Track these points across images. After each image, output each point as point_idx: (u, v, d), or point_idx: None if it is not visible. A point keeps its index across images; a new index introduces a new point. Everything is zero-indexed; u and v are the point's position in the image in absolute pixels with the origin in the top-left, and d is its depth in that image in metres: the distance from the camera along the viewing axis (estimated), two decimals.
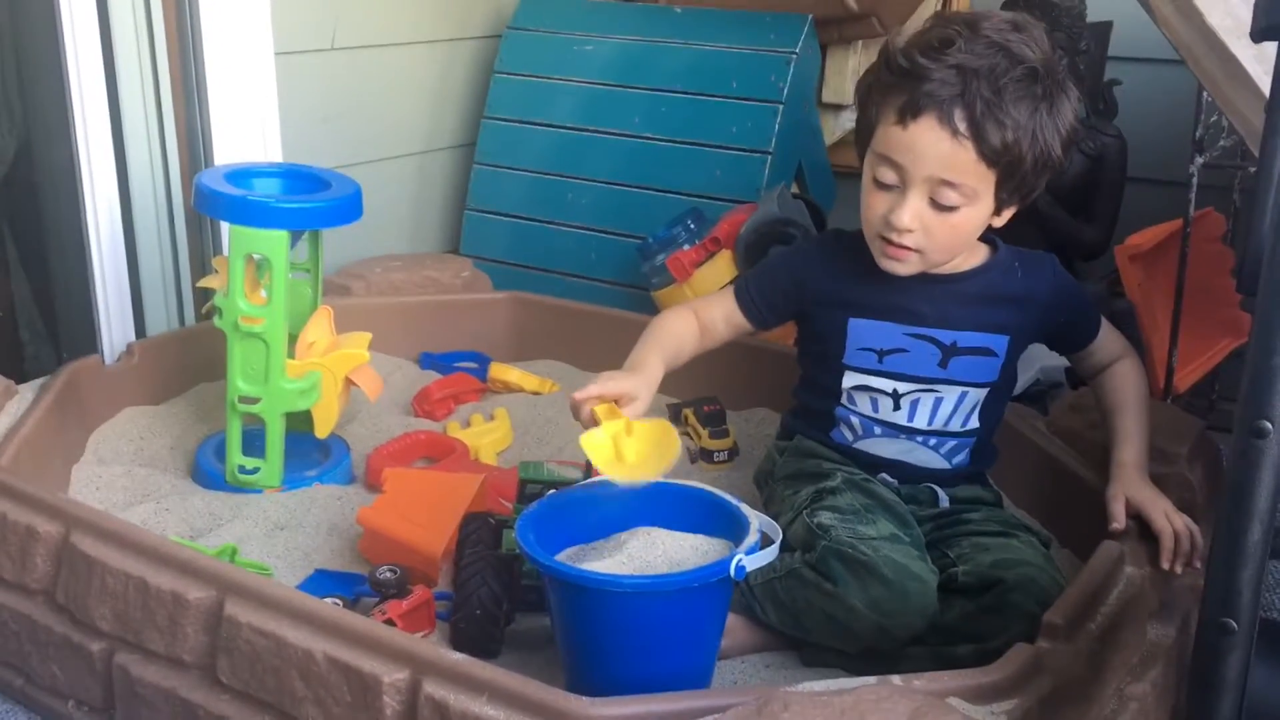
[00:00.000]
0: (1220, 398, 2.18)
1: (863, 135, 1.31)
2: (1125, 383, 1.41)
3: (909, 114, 1.23)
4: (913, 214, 1.26)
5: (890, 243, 1.28)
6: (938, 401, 1.36)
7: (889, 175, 1.26)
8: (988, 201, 1.27)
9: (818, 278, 1.38)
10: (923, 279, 1.33)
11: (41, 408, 1.57)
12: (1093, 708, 1.11)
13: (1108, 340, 1.43)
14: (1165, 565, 1.26)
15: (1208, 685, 0.94)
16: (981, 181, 1.24)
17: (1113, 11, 2.19)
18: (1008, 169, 1.24)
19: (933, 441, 1.37)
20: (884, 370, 1.36)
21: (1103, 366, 1.43)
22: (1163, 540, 1.28)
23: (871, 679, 1.02)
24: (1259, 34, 0.97)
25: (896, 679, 1.02)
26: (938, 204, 1.25)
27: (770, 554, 1.14)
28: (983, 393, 1.37)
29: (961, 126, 1.22)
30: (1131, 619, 1.19)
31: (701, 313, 1.40)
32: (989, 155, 1.22)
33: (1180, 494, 1.36)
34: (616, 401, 1.22)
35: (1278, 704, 0.98)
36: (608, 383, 1.23)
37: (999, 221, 1.31)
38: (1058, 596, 1.16)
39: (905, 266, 1.31)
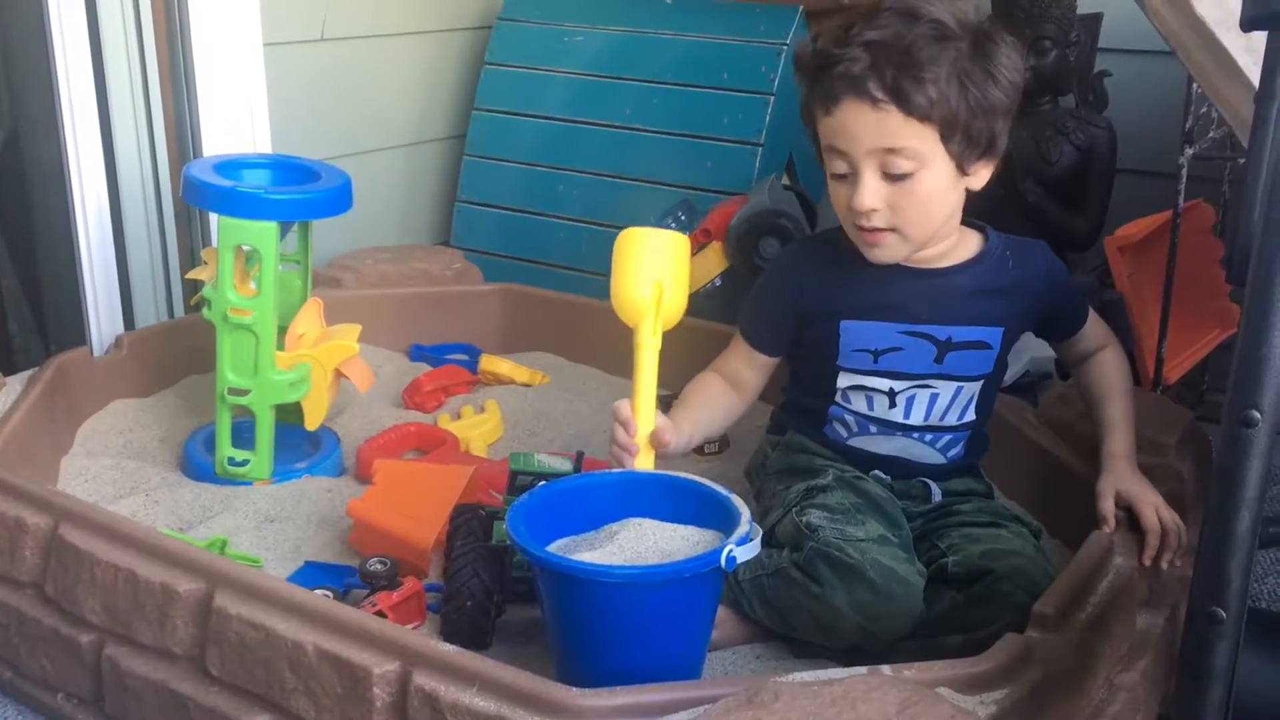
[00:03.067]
0: (1209, 389, 2.19)
1: (814, 141, 1.32)
2: (1111, 371, 1.41)
3: (830, 102, 1.25)
4: (870, 192, 1.25)
5: (864, 229, 1.28)
6: (933, 397, 1.35)
7: (839, 164, 1.27)
8: (942, 161, 1.25)
9: (809, 288, 1.37)
10: (914, 274, 1.33)
11: (30, 400, 1.57)
12: (1082, 697, 1.11)
13: (1093, 328, 1.43)
14: (1147, 562, 1.27)
15: (1197, 674, 0.94)
16: (922, 141, 1.23)
17: (1102, 3, 2.19)
18: (945, 123, 1.23)
19: (929, 437, 1.37)
20: (879, 370, 1.34)
21: (1087, 355, 1.43)
22: (1148, 538, 1.28)
23: (861, 669, 1.02)
24: (1248, 24, 0.97)
25: (886, 669, 1.02)
26: (891, 175, 1.25)
27: (758, 546, 1.14)
28: (977, 385, 1.36)
29: (879, 94, 1.22)
30: (1121, 609, 1.19)
31: (724, 370, 1.41)
32: (917, 112, 1.22)
33: (1169, 484, 1.36)
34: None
35: (1266, 693, 0.99)
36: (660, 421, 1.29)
37: (975, 183, 1.29)
38: (1047, 587, 1.16)
39: (888, 250, 1.30)
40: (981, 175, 1.30)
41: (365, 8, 2.28)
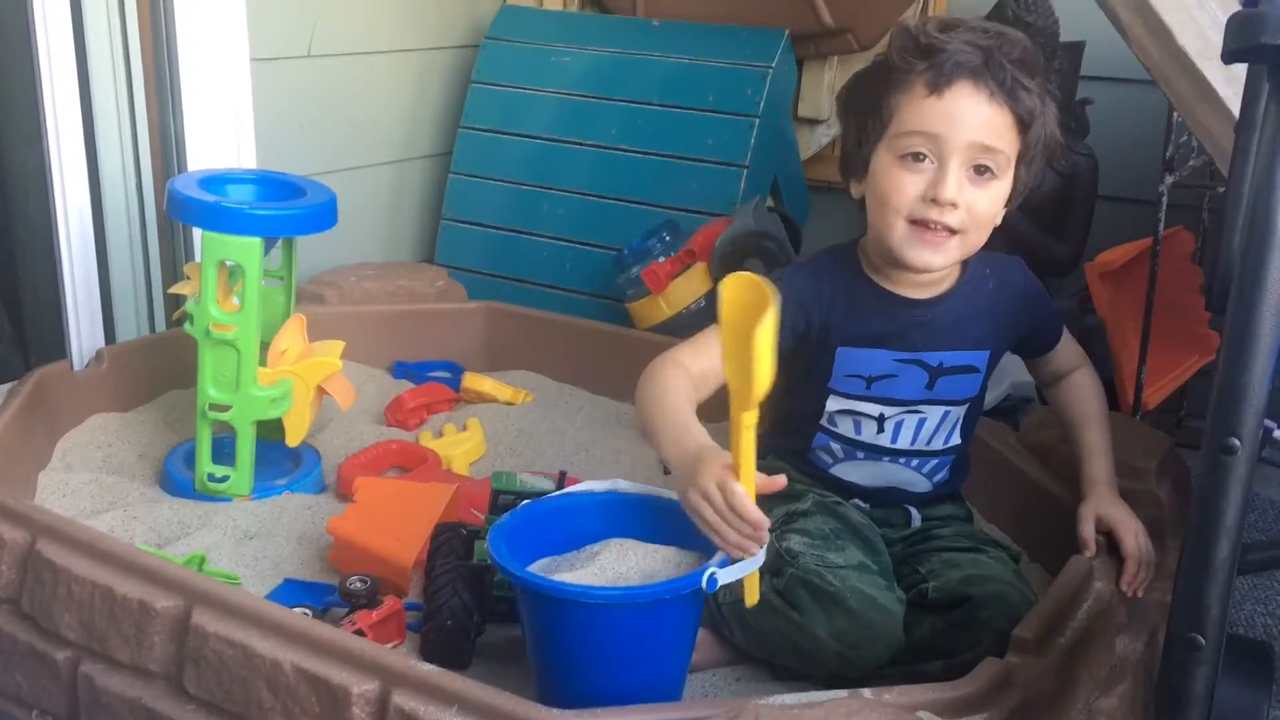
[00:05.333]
0: (1188, 415, 2.20)
1: (872, 134, 1.26)
2: (1087, 393, 1.41)
3: (942, 83, 1.22)
4: (957, 183, 1.22)
5: (928, 226, 1.23)
6: (921, 422, 1.34)
7: (923, 146, 1.22)
8: (1008, 180, 1.26)
9: (817, 308, 1.32)
10: (911, 304, 1.31)
11: (9, 413, 1.56)
12: None
13: (1067, 347, 1.43)
14: (1124, 587, 1.27)
15: (1175, 700, 0.95)
16: (1012, 149, 1.25)
17: (1085, 32, 2.20)
18: (1028, 142, 1.25)
19: (915, 462, 1.36)
20: (871, 396, 1.33)
21: (1062, 374, 1.43)
22: (1127, 564, 1.29)
23: (843, 692, 1.02)
24: (1229, 56, 0.99)
25: (867, 692, 1.02)
26: (976, 174, 1.23)
27: (756, 562, 1.11)
28: (963, 409, 1.36)
29: (995, 88, 1.22)
30: (1100, 634, 1.19)
31: (693, 366, 1.24)
32: (1022, 117, 1.23)
33: (1148, 510, 1.37)
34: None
35: (1244, 719, 0.99)
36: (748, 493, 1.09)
37: (999, 220, 1.30)
38: (1027, 612, 1.16)
39: (942, 255, 1.25)
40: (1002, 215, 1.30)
41: (352, 24, 2.28)
